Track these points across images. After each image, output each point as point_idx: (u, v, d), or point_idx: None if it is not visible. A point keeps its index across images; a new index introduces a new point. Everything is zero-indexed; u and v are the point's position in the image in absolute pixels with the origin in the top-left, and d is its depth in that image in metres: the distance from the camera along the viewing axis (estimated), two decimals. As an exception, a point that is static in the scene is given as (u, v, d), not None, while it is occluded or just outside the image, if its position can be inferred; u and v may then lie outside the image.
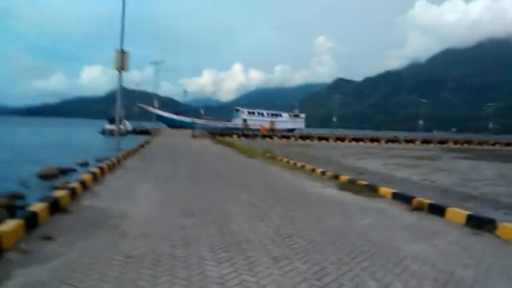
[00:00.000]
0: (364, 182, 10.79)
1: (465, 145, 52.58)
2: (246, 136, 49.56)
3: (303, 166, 15.30)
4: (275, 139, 47.98)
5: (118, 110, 21.89)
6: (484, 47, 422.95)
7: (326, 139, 51.24)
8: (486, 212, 7.64)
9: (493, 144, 56.29)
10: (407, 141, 53.98)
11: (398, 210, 7.96)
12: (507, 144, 56.15)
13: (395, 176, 13.81)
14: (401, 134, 71.11)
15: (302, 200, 8.66)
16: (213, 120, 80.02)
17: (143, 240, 5.14)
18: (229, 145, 28.81)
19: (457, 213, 7.11)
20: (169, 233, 5.52)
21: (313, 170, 14.21)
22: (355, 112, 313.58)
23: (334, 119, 76.76)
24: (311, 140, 49.21)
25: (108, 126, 51.94)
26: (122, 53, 20.83)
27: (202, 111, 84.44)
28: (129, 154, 17.54)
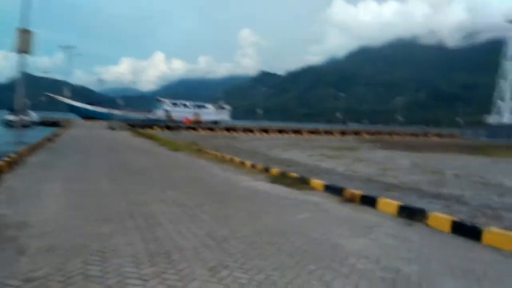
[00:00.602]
0: (295, 175, 10.61)
1: (378, 136, 56.71)
2: (169, 128, 47.72)
3: (231, 159, 14.79)
4: (200, 131, 46.93)
5: (20, 98, 19.21)
6: (393, 46, 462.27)
7: (251, 131, 51.52)
8: (411, 201, 7.86)
9: (401, 135, 61.57)
10: (327, 132, 56.63)
11: (332, 203, 7.83)
12: (412, 135, 61.86)
13: (322, 167, 13.98)
14: (321, 126, 74.49)
15: (234, 195, 8.13)
16: (133, 111, 75.92)
17: (48, 256, 4.17)
18: (151, 137, 27.25)
19: (389, 204, 7.16)
20: (81, 245, 4.58)
21: (242, 162, 13.79)
22: (278, 105, 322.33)
23: (259, 111, 77.75)
24: (237, 132, 49.09)
25: (10, 117, 46.16)
26: (25, 33, 18.22)
27: (120, 102, 79.57)
28: (33, 149, 15.43)
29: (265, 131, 52.40)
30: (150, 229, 5.35)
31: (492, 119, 54.31)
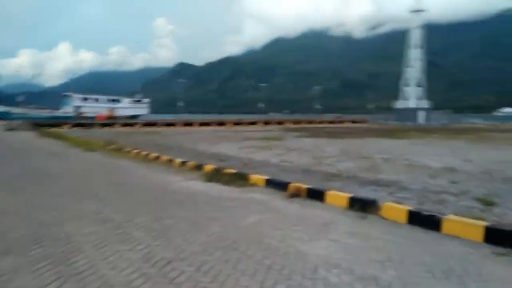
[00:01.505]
0: (232, 170, 9.81)
1: (300, 125, 58.37)
2: (80, 125, 43.57)
3: (157, 157, 13.49)
4: (117, 128, 43.65)
5: None
6: (307, 37, 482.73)
7: (173, 125, 49.43)
8: (355, 190, 7.58)
9: (320, 122, 64.10)
10: (251, 123, 56.68)
11: (278, 200, 7.20)
12: (330, 122, 64.78)
13: (256, 159, 13.40)
14: (245, 117, 74.62)
15: (168, 201, 7.07)
16: (37, 109, 68.22)
17: None
18: (60, 137, 24.30)
19: (338, 197, 6.74)
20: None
21: (171, 160, 12.60)
22: (198, 97, 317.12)
23: (180, 104, 75.27)
24: (158, 127, 46.66)
25: None
26: None
27: (20, 98, 70.96)
28: None
29: (189, 124, 50.69)
30: (66, 260, 4.14)
31: (399, 104, 59.23)
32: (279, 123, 59.87)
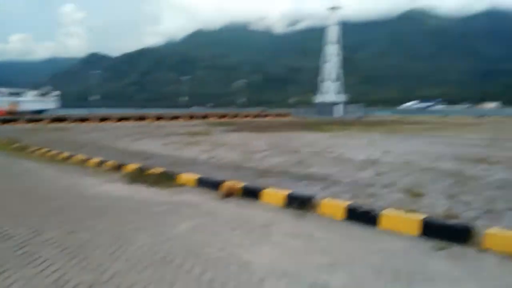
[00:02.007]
0: (158, 170, 9.07)
1: (225, 119, 58.03)
2: (-24, 122, 38.16)
3: (70, 157, 12.10)
4: (21, 124, 39.10)
5: None
6: (229, 30, 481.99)
7: (87, 120, 45.74)
8: (289, 186, 7.42)
9: (245, 116, 64.44)
10: (173, 117, 54.88)
11: (211, 201, 6.72)
12: (254, 116, 65.49)
13: (183, 156, 12.71)
14: (167, 111, 72.11)
15: (84, 209, 6.18)
16: None
17: None
18: (-50, 136, 20.86)
19: (274, 195, 6.48)
20: None
21: (86, 160, 11.36)
22: (115, 90, 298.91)
23: (94, 98, 70.13)
24: (69, 122, 42.80)
25: None
26: None
27: None
28: None
29: (104, 119, 47.30)
30: None
31: (318, 98, 62.02)
32: (204, 117, 58.90)
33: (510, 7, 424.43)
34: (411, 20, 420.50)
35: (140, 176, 8.74)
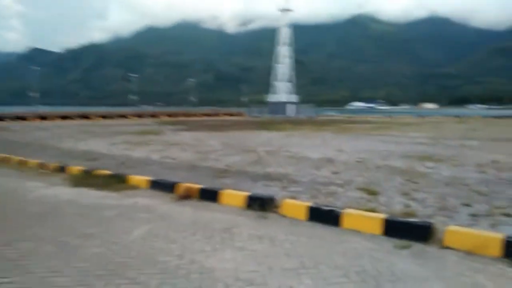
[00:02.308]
0: (107, 172, 8.48)
1: (176, 118, 56.70)
2: None
3: (6, 158, 11.04)
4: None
5: None
6: (180, 28, 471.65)
7: (25, 118, 42.53)
8: (247, 186, 7.25)
9: (197, 115, 63.39)
10: (121, 116, 52.71)
11: (166, 204, 6.36)
12: (206, 115, 64.66)
13: (133, 157, 12.10)
14: (113, 109, 69.14)
15: (25, 215, 5.58)
16: None
17: None
18: None
19: (234, 196, 6.25)
20: None
21: (25, 162, 10.42)
22: (56, 87, 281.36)
23: (33, 94, 65.54)
24: (5, 121, 39.56)
25: None
26: None
27: None
28: None
29: (44, 118, 44.26)
30: None
31: (271, 98, 62.52)
32: (153, 116, 57.15)
33: (448, 14, 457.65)
34: (358, 25, 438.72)
35: (87, 178, 8.12)
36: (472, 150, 13.38)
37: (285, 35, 61.20)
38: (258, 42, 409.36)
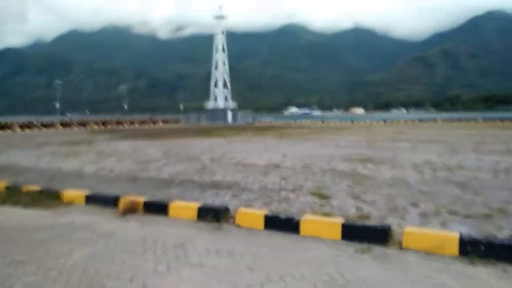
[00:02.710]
0: (35, 187, 7.57)
1: (108, 126, 53.72)
2: None
3: None
4: None
5: None
6: (108, 33, 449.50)
7: None
8: (197, 197, 6.91)
9: (131, 123, 60.64)
10: (46, 125, 48.73)
11: (108, 220, 5.77)
12: (141, 123, 62.15)
13: (65, 169, 11.06)
14: (36, 119, 63.73)
15: None
16: None
17: None
18: None
19: (184, 208, 5.85)
20: None
21: None
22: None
23: None
24: None
25: None
26: None
27: None
28: None
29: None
30: None
31: (209, 104, 61.87)
32: (82, 124, 53.61)
33: (371, 26, 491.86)
34: (289, 34, 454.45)
35: (12, 196, 7.16)
36: (405, 152, 14.21)
37: (220, 41, 61.14)
38: (193, 49, 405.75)
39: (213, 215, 5.49)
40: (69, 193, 7.04)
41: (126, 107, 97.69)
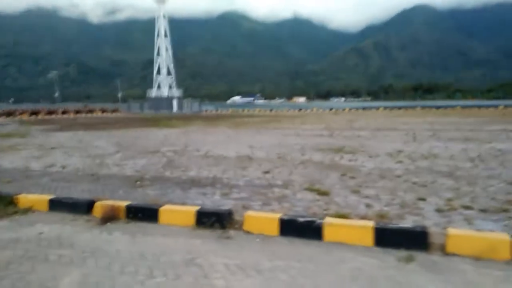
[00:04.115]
0: (-22, 193, 6.21)
1: (38, 116, 49.11)
2: None
3: None
4: None
5: None
6: (33, 15, 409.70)
7: None
8: (179, 197, 6.12)
9: (64, 113, 55.95)
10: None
11: (87, 231, 4.77)
12: (76, 112, 57.70)
13: (5, 167, 9.57)
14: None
15: None
16: None
17: None
18: None
19: (178, 213, 5.01)
20: None
21: None
22: None
23: None
24: None
25: None
26: None
27: None
28: None
29: None
30: None
31: (153, 92, 58.83)
32: (9, 114, 48.53)
33: (309, 16, 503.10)
34: (229, 21, 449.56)
35: None
36: (370, 140, 14.25)
37: (162, 26, 58.31)
38: (127, 34, 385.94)
39: (215, 220, 4.73)
40: (27, 198, 5.83)
41: (57, 95, 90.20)
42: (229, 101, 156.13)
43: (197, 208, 5.00)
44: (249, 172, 8.30)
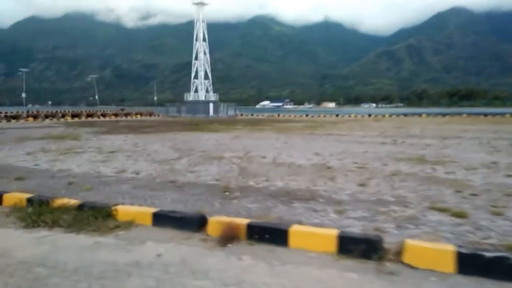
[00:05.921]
0: (70, 201, 5.71)
1: (79, 119, 50.12)
2: None
3: None
4: None
5: None
6: (71, 19, 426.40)
7: None
8: (287, 212, 5.38)
9: (103, 116, 56.98)
10: (12, 117, 44.80)
11: (208, 254, 4.09)
12: (115, 115, 58.61)
13: (76, 172, 9.20)
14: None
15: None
16: None
17: None
18: None
19: (314, 236, 4.24)
20: None
21: None
22: None
23: None
24: None
25: None
26: None
27: None
28: None
29: None
30: None
31: (190, 96, 58.99)
32: (52, 116, 49.73)
33: (340, 20, 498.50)
34: (259, 25, 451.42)
35: (43, 213, 5.26)
36: (444, 149, 13.13)
37: (201, 30, 58.52)
38: (160, 38, 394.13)
39: (366, 248, 3.95)
40: (128, 210, 5.25)
41: (95, 98, 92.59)
42: (258, 106, 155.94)
43: (336, 231, 4.22)
44: (342, 184, 7.49)
